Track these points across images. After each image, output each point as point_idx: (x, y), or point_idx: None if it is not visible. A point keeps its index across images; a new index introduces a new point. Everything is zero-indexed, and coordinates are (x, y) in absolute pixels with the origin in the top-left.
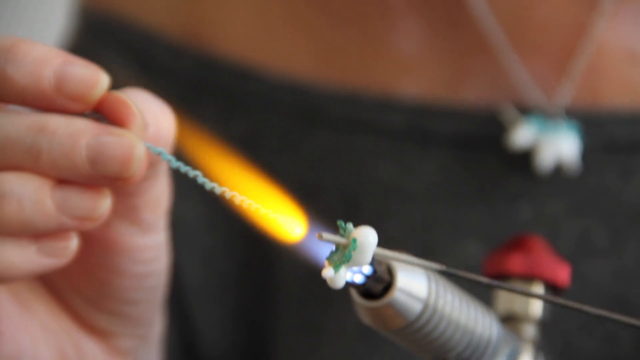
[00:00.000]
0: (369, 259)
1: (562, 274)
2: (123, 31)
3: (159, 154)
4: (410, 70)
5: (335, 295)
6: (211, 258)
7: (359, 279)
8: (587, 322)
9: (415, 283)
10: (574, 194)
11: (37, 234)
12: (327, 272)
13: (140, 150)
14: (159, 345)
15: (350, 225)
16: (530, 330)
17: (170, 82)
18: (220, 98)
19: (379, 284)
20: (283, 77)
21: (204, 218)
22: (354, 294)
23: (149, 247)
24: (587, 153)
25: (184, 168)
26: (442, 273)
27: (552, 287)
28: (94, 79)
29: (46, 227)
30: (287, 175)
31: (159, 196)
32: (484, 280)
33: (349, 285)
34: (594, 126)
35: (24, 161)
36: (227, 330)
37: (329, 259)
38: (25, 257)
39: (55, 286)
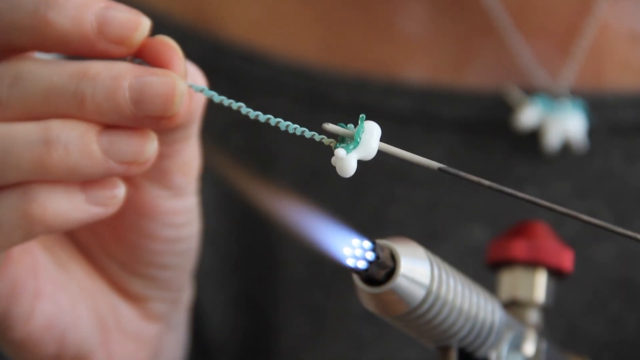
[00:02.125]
0: (376, 145)
1: (566, 259)
2: None
3: (202, 91)
4: (415, 53)
5: (339, 280)
6: (216, 241)
7: (362, 265)
8: (592, 304)
9: (418, 269)
10: (579, 177)
11: (85, 182)
12: (339, 151)
13: (182, 87)
14: (187, 311)
15: (351, 125)
16: (533, 316)
17: None
18: (227, 82)
19: (382, 269)
20: (289, 61)
21: (209, 200)
22: (356, 280)
23: (180, 211)
24: (592, 135)
25: (227, 101)
26: (440, 171)
27: (556, 273)
28: (136, 21)
29: (94, 173)
30: (292, 159)
31: (190, 160)
32: (485, 182)
33: (351, 271)
34: (598, 108)
35: (69, 108)
36: (230, 313)
37: (337, 145)
38: (74, 205)
39: (89, 250)
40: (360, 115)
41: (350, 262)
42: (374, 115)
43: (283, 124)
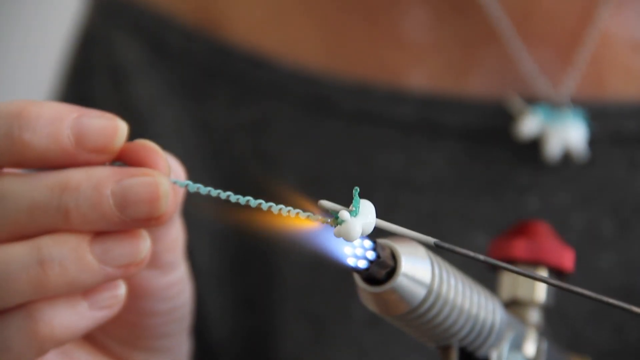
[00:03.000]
0: (374, 219)
1: (567, 258)
2: (136, 14)
3: (186, 186)
4: (418, 59)
5: (340, 285)
6: (219, 243)
7: (362, 264)
8: (596, 312)
9: (418, 268)
10: (581, 186)
11: (86, 290)
12: (344, 214)
13: (165, 187)
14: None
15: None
16: (534, 315)
17: (182, 66)
18: (231, 84)
19: (383, 269)
20: (294, 66)
21: (214, 204)
22: (357, 279)
23: (172, 284)
24: (594, 144)
25: (214, 192)
26: (436, 247)
27: (557, 272)
28: (112, 127)
29: (93, 282)
30: (295, 165)
31: (176, 237)
32: (480, 257)
33: (352, 270)
34: (600, 117)
35: (56, 223)
36: (230, 317)
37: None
38: (79, 315)
39: (90, 333)
40: (355, 188)
41: (351, 262)
42: (377, 122)
43: (275, 207)
